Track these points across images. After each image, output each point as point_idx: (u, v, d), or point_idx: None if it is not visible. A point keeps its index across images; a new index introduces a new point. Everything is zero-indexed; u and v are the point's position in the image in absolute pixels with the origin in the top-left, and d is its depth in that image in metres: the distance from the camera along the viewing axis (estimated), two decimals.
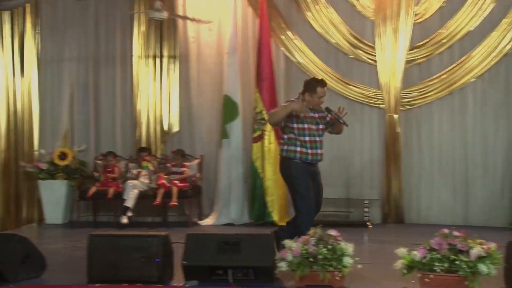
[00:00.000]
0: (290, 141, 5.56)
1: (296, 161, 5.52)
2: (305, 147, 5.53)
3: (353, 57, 8.46)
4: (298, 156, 5.53)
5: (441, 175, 8.27)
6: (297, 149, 5.53)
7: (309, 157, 5.55)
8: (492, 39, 7.97)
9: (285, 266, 4.70)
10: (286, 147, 5.58)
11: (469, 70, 8.04)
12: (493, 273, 4.37)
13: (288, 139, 5.58)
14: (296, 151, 5.54)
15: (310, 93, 5.59)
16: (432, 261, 4.47)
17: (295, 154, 5.53)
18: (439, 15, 8.21)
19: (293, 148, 5.54)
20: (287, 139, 5.59)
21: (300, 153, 5.53)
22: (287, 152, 5.56)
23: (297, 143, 5.53)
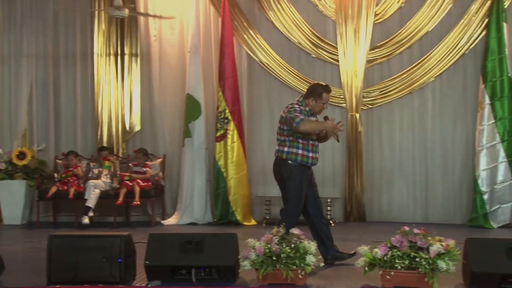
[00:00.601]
0: (292, 143, 5.44)
1: (296, 164, 5.41)
2: (307, 150, 5.44)
3: (315, 57, 8.52)
4: (299, 159, 5.42)
5: (401, 173, 8.39)
6: (298, 151, 5.43)
7: (309, 160, 5.46)
8: (450, 40, 8.12)
9: (248, 265, 4.70)
10: (286, 149, 5.44)
11: (428, 70, 8.18)
12: (451, 270, 4.45)
13: (290, 141, 5.45)
14: (297, 154, 5.42)
15: (315, 98, 5.47)
16: (393, 259, 4.53)
17: (296, 157, 5.42)
18: (399, 16, 8.33)
19: (294, 150, 5.42)
20: (289, 141, 5.45)
21: (302, 156, 5.43)
22: (288, 154, 5.43)
23: (299, 146, 5.43)
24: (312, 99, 5.47)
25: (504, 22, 7.79)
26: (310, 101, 5.48)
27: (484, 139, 7.84)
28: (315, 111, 5.52)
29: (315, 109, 5.50)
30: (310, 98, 5.48)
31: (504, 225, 7.76)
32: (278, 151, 5.49)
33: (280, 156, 5.47)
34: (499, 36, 7.78)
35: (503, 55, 7.77)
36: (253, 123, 8.67)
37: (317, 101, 5.46)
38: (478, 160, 7.85)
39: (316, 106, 5.48)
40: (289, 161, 5.42)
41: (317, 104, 5.47)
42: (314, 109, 5.49)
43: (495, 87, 7.79)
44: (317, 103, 5.47)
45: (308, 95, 5.51)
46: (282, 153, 5.46)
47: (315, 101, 5.46)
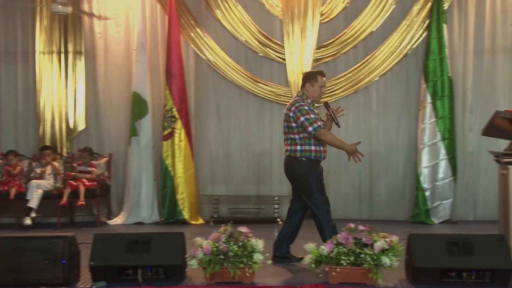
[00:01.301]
0: (303, 140, 5.40)
1: (311, 160, 5.41)
2: (319, 145, 5.43)
3: (263, 55, 8.55)
4: (313, 155, 5.41)
5: (347, 171, 8.51)
6: (311, 148, 5.40)
7: (322, 154, 5.48)
8: (393, 40, 8.29)
9: (195, 264, 4.69)
10: (299, 147, 5.41)
11: (373, 69, 8.33)
12: (395, 265, 4.55)
13: (301, 138, 5.41)
14: (311, 150, 5.41)
15: (311, 82, 5.45)
16: (339, 255, 4.61)
17: (310, 153, 5.41)
18: (344, 16, 8.45)
19: (307, 147, 5.40)
20: (300, 139, 5.41)
21: (315, 152, 5.42)
22: (301, 152, 5.40)
23: (311, 142, 5.40)
24: (309, 85, 5.45)
25: (444, 24, 8.01)
26: (307, 88, 5.46)
27: (426, 137, 8.04)
28: (315, 97, 5.49)
29: (314, 95, 5.47)
30: (306, 85, 5.46)
31: (445, 220, 7.98)
32: (291, 151, 5.44)
33: (294, 155, 5.42)
34: (439, 37, 7.99)
35: (443, 55, 7.98)
36: (200, 122, 8.63)
37: (313, 85, 5.44)
38: (420, 158, 8.05)
39: (314, 91, 5.45)
40: (304, 158, 5.39)
41: (314, 88, 5.44)
42: (313, 95, 5.46)
43: (436, 86, 8.00)
44: (314, 87, 5.44)
45: (304, 83, 5.49)
46: (296, 152, 5.41)
47: (312, 85, 5.44)
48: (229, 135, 8.65)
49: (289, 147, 5.47)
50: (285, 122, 5.50)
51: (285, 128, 5.50)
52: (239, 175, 8.62)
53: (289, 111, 5.43)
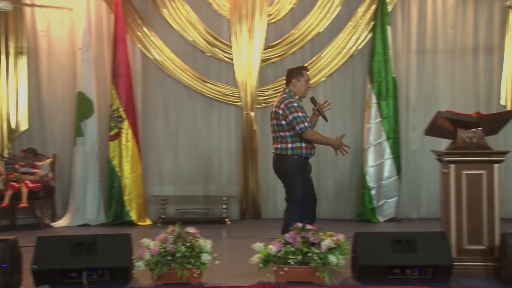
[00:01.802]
0: (294, 137, 5.40)
1: (302, 158, 5.42)
2: (308, 142, 5.43)
3: (210, 55, 8.53)
4: (304, 152, 5.42)
5: None
6: (302, 145, 5.40)
7: (312, 151, 5.50)
8: (340, 41, 8.40)
9: (142, 265, 4.65)
10: (291, 145, 5.40)
11: (320, 69, 8.42)
12: (341, 263, 4.63)
13: (292, 136, 5.41)
14: (302, 147, 5.41)
15: (297, 78, 5.48)
16: (287, 254, 4.65)
17: (301, 151, 5.41)
18: (291, 16, 8.51)
19: (298, 144, 5.40)
20: (290, 136, 5.41)
21: (306, 149, 5.42)
22: (292, 149, 5.40)
23: (300, 139, 5.39)
24: (295, 80, 5.48)
25: (388, 25, 8.16)
26: (294, 84, 5.49)
27: (371, 136, 8.19)
28: (302, 91, 5.51)
29: (302, 90, 5.49)
30: (292, 81, 5.48)
31: (390, 218, 8.14)
32: (281, 149, 5.43)
33: (285, 153, 5.41)
34: (383, 39, 8.15)
35: (387, 57, 8.14)
36: (148, 122, 8.55)
37: (300, 80, 5.48)
38: (366, 157, 8.19)
39: (301, 85, 5.48)
40: (295, 156, 5.39)
41: (301, 83, 5.48)
42: (300, 90, 5.48)
43: (381, 87, 8.16)
44: (301, 82, 5.48)
45: (289, 79, 5.51)
46: (286, 150, 5.40)
47: (298, 80, 5.48)
48: (177, 135, 8.59)
49: (280, 145, 5.46)
50: (274, 120, 5.49)
51: (275, 126, 5.49)
52: (187, 175, 8.58)
53: (278, 108, 5.42)
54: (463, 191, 5.06)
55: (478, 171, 5.06)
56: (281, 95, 5.55)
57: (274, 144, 5.54)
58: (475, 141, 5.11)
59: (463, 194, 5.06)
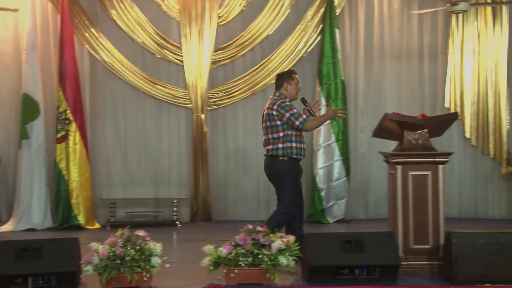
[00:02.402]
0: (286, 137, 5.49)
1: (292, 159, 5.51)
2: (300, 142, 5.55)
3: (160, 57, 8.47)
4: (294, 153, 5.51)
5: (245, 172, 8.60)
6: (293, 145, 5.50)
7: (302, 152, 5.59)
8: (289, 44, 8.46)
9: (91, 270, 4.58)
10: (281, 145, 5.49)
11: (270, 72, 8.45)
12: (291, 264, 4.66)
13: (284, 136, 5.49)
14: (292, 148, 5.50)
15: (288, 81, 5.61)
16: (237, 256, 4.66)
17: (291, 151, 5.50)
18: (241, 19, 8.52)
19: (289, 145, 5.49)
20: (283, 136, 5.50)
21: (296, 149, 5.52)
22: (283, 149, 5.49)
23: (292, 139, 5.50)
24: (286, 84, 5.61)
25: (336, 29, 8.28)
26: (285, 87, 5.61)
27: (321, 138, 8.28)
28: (293, 95, 5.65)
29: (293, 93, 5.63)
30: (284, 85, 5.61)
31: (339, 219, 8.25)
32: (273, 149, 5.52)
33: (276, 153, 5.50)
34: (332, 42, 8.26)
35: (336, 59, 8.26)
36: (96, 124, 8.41)
37: (291, 83, 5.61)
38: (316, 159, 8.28)
39: (292, 89, 5.62)
40: (285, 158, 5.49)
41: (292, 86, 5.62)
42: (291, 93, 5.62)
43: (330, 89, 8.26)
44: (292, 86, 5.61)
45: (280, 84, 5.64)
46: (278, 150, 5.50)
47: (289, 84, 5.61)
48: (126, 137, 8.49)
49: (271, 146, 5.55)
50: (267, 122, 5.58)
51: (268, 129, 5.57)
52: (137, 178, 8.49)
53: (271, 110, 5.53)
54: (409, 192, 5.17)
55: (423, 172, 5.18)
56: (272, 98, 5.67)
57: (266, 146, 5.63)
58: (421, 143, 5.23)
59: (410, 195, 5.17)
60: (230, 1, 8.44)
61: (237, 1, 8.44)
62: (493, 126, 8.44)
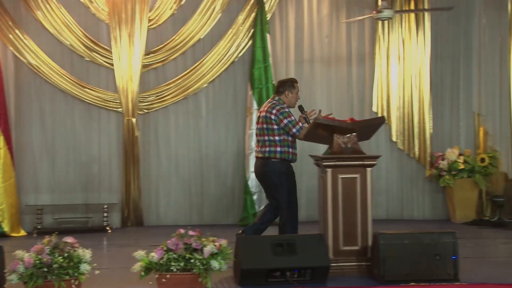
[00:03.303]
0: (283, 142, 5.74)
1: (287, 162, 5.79)
2: (294, 148, 5.83)
3: (89, 60, 8.30)
4: (290, 157, 5.80)
5: (178, 177, 8.55)
6: (289, 150, 5.77)
7: (295, 157, 5.88)
8: (221, 48, 8.48)
9: (16, 279, 4.43)
10: (280, 149, 5.72)
11: (202, 76, 8.45)
12: (224, 268, 4.66)
13: (281, 140, 5.73)
14: (289, 152, 5.78)
15: (290, 90, 5.87)
16: (169, 261, 4.61)
17: (288, 155, 5.78)
18: (172, 22, 8.47)
19: (286, 149, 5.75)
20: (280, 141, 5.73)
21: (292, 154, 5.81)
22: (281, 153, 5.73)
23: (288, 144, 5.76)
24: (288, 92, 5.87)
25: (267, 33, 8.38)
26: (287, 95, 5.86)
27: (253, 142, 8.30)
28: (292, 103, 5.90)
29: (292, 101, 5.89)
30: (285, 92, 5.86)
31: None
32: (270, 152, 5.74)
33: (273, 156, 5.74)
34: (263, 46, 8.35)
35: (267, 64, 8.34)
36: (22, 128, 8.15)
37: (292, 92, 5.88)
38: (248, 163, 8.32)
39: (293, 97, 5.89)
40: (282, 160, 5.75)
41: (293, 95, 5.89)
42: (291, 101, 5.88)
43: (261, 93, 8.33)
44: (293, 94, 5.88)
45: (282, 91, 5.89)
46: (275, 153, 5.74)
47: (291, 92, 5.87)
48: (54, 142, 8.27)
49: (267, 148, 5.76)
50: (264, 124, 5.78)
51: (264, 130, 5.78)
52: (65, 183, 8.28)
53: (269, 113, 5.75)
54: (339, 195, 5.28)
55: (352, 175, 5.30)
56: (271, 101, 5.90)
57: (261, 147, 5.83)
58: (350, 146, 5.35)
59: (339, 198, 5.28)
60: (161, 4, 8.39)
61: (168, 5, 8.39)
62: (418, 130, 8.75)
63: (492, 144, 8.75)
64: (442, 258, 4.90)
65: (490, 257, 6.36)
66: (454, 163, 8.40)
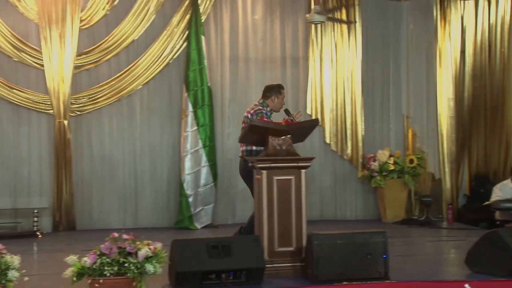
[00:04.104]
0: None
1: None
2: None
3: (18, 60, 8.07)
4: None
5: (112, 179, 8.42)
6: None
7: None
8: (155, 49, 8.41)
9: None
10: (255, 148, 5.91)
11: (136, 77, 8.36)
12: (158, 272, 4.62)
13: None
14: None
15: (276, 95, 6.17)
16: (102, 266, 4.53)
17: None
18: (105, 23, 8.34)
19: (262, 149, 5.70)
20: None
21: None
22: (257, 152, 5.87)
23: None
24: (274, 97, 6.17)
25: (202, 35, 8.37)
26: (273, 100, 6.17)
27: (188, 144, 8.31)
28: (277, 108, 6.19)
29: (278, 106, 6.18)
30: (272, 97, 6.17)
31: (207, 225, 8.32)
32: (246, 151, 6.02)
33: (248, 155, 5.95)
34: (198, 48, 8.33)
35: (202, 66, 8.33)
36: None
37: (278, 97, 6.18)
38: (184, 165, 8.29)
39: (278, 102, 6.18)
40: None
41: (279, 100, 6.18)
42: (276, 106, 6.17)
43: (197, 95, 8.32)
44: (278, 99, 6.18)
45: (268, 95, 6.20)
46: (251, 152, 5.96)
47: (277, 97, 6.18)
48: None
49: (245, 147, 6.05)
50: (243, 123, 6.16)
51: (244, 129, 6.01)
52: None
53: (249, 114, 6.11)
54: (274, 196, 5.32)
55: (287, 177, 5.35)
56: (255, 103, 6.26)
57: (241, 147, 6.10)
58: (285, 148, 5.41)
59: (275, 199, 5.31)
60: (93, 4, 8.24)
61: (100, 5, 8.25)
62: (351, 132, 8.95)
63: (420, 146, 9.06)
64: (373, 257, 5.02)
65: (418, 255, 6.56)
66: (385, 164, 8.64)
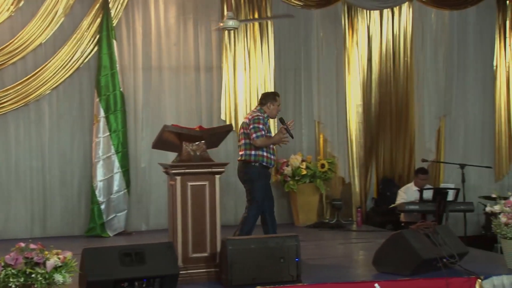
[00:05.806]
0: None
1: (263, 166, 6.27)
2: (269, 153, 6.30)
3: None
4: (265, 161, 6.26)
5: (18, 188, 8.12)
6: (264, 154, 6.25)
7: (272, 162, 6.37)
8: (64, 53, 8.15)
9: None
10: (254, 152, 6.23)
11: (44, 82, 8.08)
12: (68, 281, 4.51)
13: None
14: (263, 156, 6.25)
15: (271, 102, 6.42)
16: (7, 278, 4.38)
17: (262, 159, 6.25)
18: (9, 25, 8.01)
19: (260, 153, 6.24)
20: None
21: (267, 158, 6.28)
22: (255, 156, 6.23)
23: (264, 148, 6.25)
24: (270, 104, 6.41)
25: (114, 40, 8.21)
26: (268, 106, 6.41)
27: (100, 150, 8.13)
28: (273, 114, 6.46)
29: (273, 112, 6.44)
30: (267, 104, 6.41)
31: (120, 232, 8.18)
32: (246, 155, 6.27)
33: (248, 159, 6.26)
34: (110, 53, 8.17)
35: (115, 71, 8.18)
36: None
37: (273, 104, 6.42)
38: (95, 171, 8.11)
39: (274, 109, 6.43)
40: (256, 164, 6.24)
41: (274, 107, 6.43)
42: (272, 112, 6.43)
43: (109, 101, 8.15)
44: (274, 106, 6.43)
45: (264, 102, 6.45)
46: (250, 156, 6.25)
47: (272, 104, 6.42)
48: None
49: (244, 152, 6.30)
50: (242, 129, 6.38)
51: (243, 135, 6.33)
52: None
53: (247, 119, 6.36)
54: (188, 202, 5.32)
55: (201, 182, 5.38)
56: (253, 110, 6.53)
57: (240, 151, 6.37)
58: (199, 154, 5.43)
59: (189, 205, 5.32)
60: None
61: (4, 6, 7.91)
62: None
63: (330, 150, 9.33)
64: (286, 260, 5.12)
65: (329, 257, 6.74)
66: (297, 169, 8.81)
